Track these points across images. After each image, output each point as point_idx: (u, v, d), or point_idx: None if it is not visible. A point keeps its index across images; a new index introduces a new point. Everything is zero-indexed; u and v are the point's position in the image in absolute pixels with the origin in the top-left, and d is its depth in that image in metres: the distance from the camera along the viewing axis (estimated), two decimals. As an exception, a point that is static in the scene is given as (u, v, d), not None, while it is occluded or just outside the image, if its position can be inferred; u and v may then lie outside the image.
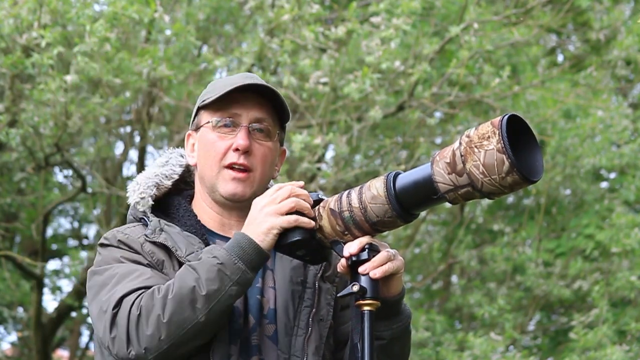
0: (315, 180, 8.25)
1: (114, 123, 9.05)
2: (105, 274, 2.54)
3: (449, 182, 2.33)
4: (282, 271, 2.63)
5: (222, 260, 2.42)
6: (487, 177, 2.28)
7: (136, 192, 2.67)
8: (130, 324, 2.41)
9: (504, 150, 2.25)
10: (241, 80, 2.64)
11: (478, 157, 2.28)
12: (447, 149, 2.36)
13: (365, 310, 2.44)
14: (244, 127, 2.61)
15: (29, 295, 10.32)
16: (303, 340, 2.58)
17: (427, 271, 11.26)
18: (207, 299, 2.39)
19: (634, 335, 9.10)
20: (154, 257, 2.55)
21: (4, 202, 9.32)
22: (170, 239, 2.57)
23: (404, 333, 2.65)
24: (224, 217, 2.67)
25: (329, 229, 2.47)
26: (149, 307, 2.40)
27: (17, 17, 6.91)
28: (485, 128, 2.30)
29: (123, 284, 2.47)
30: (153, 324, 2.39)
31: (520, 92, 9.52)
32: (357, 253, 2.45)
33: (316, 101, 8.23)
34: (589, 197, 10.43)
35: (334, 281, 2.68)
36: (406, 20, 7.57)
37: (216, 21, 8.84)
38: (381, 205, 2.41)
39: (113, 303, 2.44)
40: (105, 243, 2.62)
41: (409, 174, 2.42)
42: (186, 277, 2.41)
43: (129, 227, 2.63)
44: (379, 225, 2.44)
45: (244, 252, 2.43)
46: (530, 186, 11.08)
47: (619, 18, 9.81)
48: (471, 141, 2.30)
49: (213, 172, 2.63)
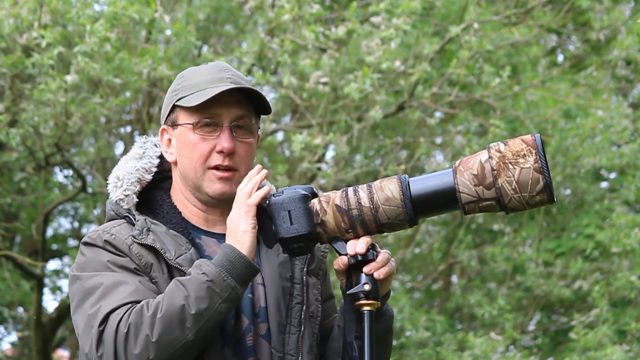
0: (316, 180, 8.25)
1: (114, 123, 9.04)
2: (89, 281, 2.48)
3: (474, 194, 2.36)
4: (269, 267, 2.61)
5: (212, 277, 2.39)
6: (518, 194, 2.32)
7: (119, 188, 2.62)
8: (117, 342, 2.37)
9: (542, 170, 2.31)
10: (216, 75, 2.59)
11: (513, 173, 2.32)
12: (470, 160, 2.38)
13: (366, 310, 2.44)
14: (226, 127, 2.58)
15: (29, 295, 10.32)
16: (297, 338, 2.57)
17: (427, 271, 11.25)
18: (197, 318, 2.37)
19: (634, 335, 9.10)
20: (142, 259, 2.51)
21: (4, 202, 9.31)
22: (158, 240, 2.53)
23: (387, 332, 2.65)
24: (208, 214, 2.64)
25: (332, 225, 2.46)
26: (138, 326, 2.37)
27: (17, 17, 6.92)
28: (519, 145, 2.34)
29: (109, 298, 2.42)
30: (141, 343, 2.36)
31: (520, 92, 9.52)
32: (365, 253, 2.45)
33: (316, 101, 8.23)
34: (589, 197, 10.42)
35: (318, 274, 2.68)
36: (406, 20, 7.57)
37: (216, 21, 8.83)
38: (395, 208, 2.42)
39: (99, 319, 2.40)
40: (90, 242, 2.55)
41: (425, 179, 2.43)
42: (175, 295, 2.38)
43: (114, 226, 2.57)
44: (386, 227, 2.45)
45: (233, 266, 2.41)
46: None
47: (619, 18, 9.80)
48: (504, 157, 2.33)
49: (197, 173, 2.59)
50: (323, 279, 2.71)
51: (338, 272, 2.50)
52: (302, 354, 2.57)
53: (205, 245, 2.61)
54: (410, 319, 9.41)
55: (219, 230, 2.63)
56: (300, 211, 2.44)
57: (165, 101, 2.67)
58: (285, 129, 9.05)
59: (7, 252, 8.78)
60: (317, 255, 2.67)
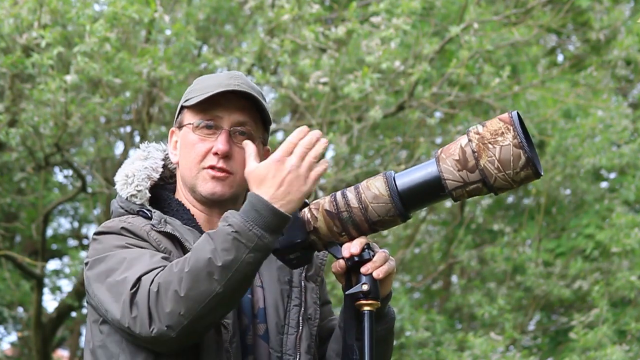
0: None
1: (114, 123, 9.04)
2: (111, 260, 2.47)
3: (459, 179, 2.36)
4: (268, 270, 2.62)
5: (237, 227, 2.35)
6: (502, 172, 2.32)
7: (130, 185, 2.62)
8: (150, 302, 2.35)
9: (521, 145, 2.30)
10: (226, 80, 2.62)
11: (493, 152, 2.32)
12: (451, 146, 2.38)
13: (366, 311, 2.44)
14: (225, 130, 2.59)
15: (29, 295, 10.32)
16: (295, 338, 2.58)
17: (427, 271, 11.26)
18: (224, 270, 2.33)
19: (634, 335, 9.10)
20: (160, 245, 2.50)
21: (4, 202, 9.31)
22: (176, 230, 2.54)
23: (389, 334, 2.65)
24: (207, 215, 2.64)
25: (325, 231, 2.46)
26: (167, 283, 2.34)
27: (17, 17, 6.92)
28: (496, 124, 2.33)
29: (137, 266, 2.41)
30: (171, 300, 2.34)
31: (520, 92, 9.52)
32: (360, 253, 2.45)
33: (316, 101, 8.24)
34: (589, 197, 10.43)
35: (317, 281, 2.68)
36: (406, 20, 7.57)
37: (216, 21, 8.84)
38: (384, 205, 2.42)
39: (131, 283, 2.38)
40: (106, 231, 2.55)
41: (409, 172, 2.43)
42: (203, 248, 2.35)
43: (130, 217, 2.57)
44: (378, 225, 2.45)
45: (260, 215, 2.36)
46: (530, 186, 11.02)
47: (619, 18, 9.80)
48: (483, 137, 2.33)
49: (192, 172, 2.61)
50: (321, 285, 2.72)
51: (337, 275, 2.51)
52: (300, 354, 2.58)
53: None
54: (410, 319, 9.41)
55: None
56: (290, 221, 2.42)
57: (179, 106, 2.72)
58: (285, 129, 9.06)
59: (7, 252, 8.77)
60: (315, 262, 2.68)
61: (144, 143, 2.74)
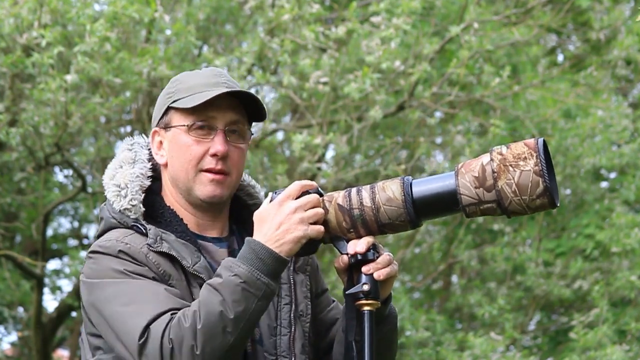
0: (316, 180, 8.25)
1: (114, 123, 9.04)
2: (110, 289, 2.45)
3: (474, 196, 2.36)
4: None
5: (245, 278, 2.37)
6: (518, 196, 2.33)
7: (123, 197, 2.57)
8: (164, 358, 2.35)
9: (541, 173, 2.31)
10: (212, 79, 2.60)
11: (513, 175, 2.32)
12: (473, 162, 2.39)
13: (366, 310, 2.44)
14: (221, 130, 2.58)
15: (29, 295, 10.32)
16: (288, 339, 2.57)
17: (427, 271, 11.25)
18: (236, 321, 2.36)
19: (634, 335, 9.10)
20: (159, 268, 2.48)
21: (4, 202, 9.31)
22: (172, 248, 2.51)
23: (392, 334, 2.65)
24: (198, 218, 2.62)
25: (334, 224, 2.46)
26: (180, 340, 2.35)
27: (17, 17, 6.92)
28: (520, 148, 2.34)
29: (142, 306, 2.40)
30: (187, 356, 2.35)
31: (520, 92, 9.52)
32: (365, 252, 2.45)
33: (316, 101, 8.24)
34: (589, 197, 10.43)
35: (306, 270, 2.67)
36: (406, 20, 7.57)
37: (216, 21, 8.83)
38: (396, 209, 2.42)
39: (138, 332, 2.37)
40: (102, 251, 2.51)
41: (428, 181, 2.43)
42: (211, 301, 2.37)
43: (126, 236, 2.52)
44: (387, 228, 2.45)
45: (263, 263, 2.40)
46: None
47: (619, 18, 9.80)
48: (505, 159, 2.33)
49: (189, 175, 2.58)
50: (313, 274, 2.70)
51: (339, 271, 2.50)
52: (295, 355, 2.58)
53: (205, 252, 2.60)
54: (410, 319, 9.41)
55: (209, 234, 2.63)
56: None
57: (158, 104, 2.66)
58: (285, 128, 9.06)
59: (7, 252, 8.77)
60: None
61: (129, 139, 2.69)
